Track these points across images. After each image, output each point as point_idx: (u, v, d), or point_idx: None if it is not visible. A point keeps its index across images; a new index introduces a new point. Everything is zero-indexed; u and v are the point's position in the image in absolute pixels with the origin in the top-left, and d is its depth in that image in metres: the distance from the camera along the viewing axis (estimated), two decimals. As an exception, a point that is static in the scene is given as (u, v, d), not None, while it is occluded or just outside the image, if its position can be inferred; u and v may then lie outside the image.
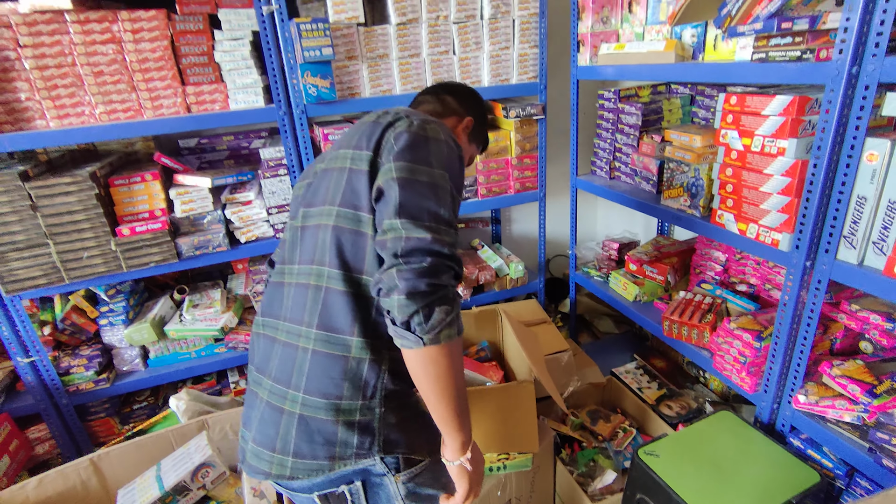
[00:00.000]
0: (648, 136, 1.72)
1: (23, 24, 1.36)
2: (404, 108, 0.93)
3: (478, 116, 1.15)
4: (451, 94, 1.12)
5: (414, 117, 0.86)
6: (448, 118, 1.10)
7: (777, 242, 1.22)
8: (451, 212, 0.81)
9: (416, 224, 0.76)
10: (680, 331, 1.59)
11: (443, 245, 0.76)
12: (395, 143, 0.82)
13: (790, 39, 1.05)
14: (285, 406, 0.85)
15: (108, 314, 1.71)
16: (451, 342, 0.76)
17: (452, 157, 0.85)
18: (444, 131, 0.87)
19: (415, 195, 0.78)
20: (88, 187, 1.44)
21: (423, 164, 0.80)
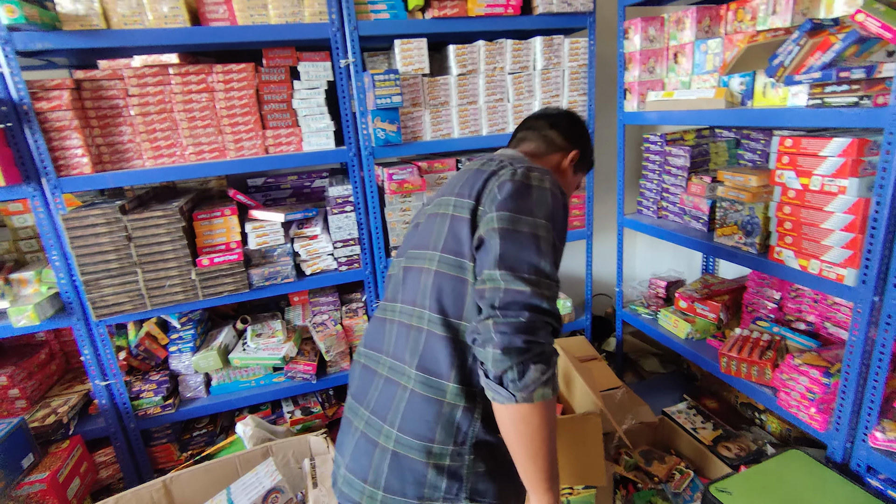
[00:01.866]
0: (697, 176, 1.79)
1: (133, 77, 1.53)
2: (509, 154, 0.96)
3: (583, 146, 1.12)
4: (554, 127, 1.09)
5: (518, 165, 0.87)
6: (553, 155, 1.07)
7: (842, 278, 1.24)
8: (552, 264, 0.79)
9: (516, 276, 0.76)
10: (739, 367, 1.59)
11: (542, 299, 0.75)
12: (499, 193, 0.83)
13: (846, 87, 1.13)
14: (380, 440, 0.87)
15: (178, 341, 1.79)
16: (544, 401, 0.74)
17: (557, 206, 0.84)
18: (549, 179, 0.86)
19: (515, 246, 0.78)
20: (177, 220, 1.56)
21: (525, 215, 0.80)
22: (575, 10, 1.80)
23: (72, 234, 1.47)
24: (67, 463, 1.54)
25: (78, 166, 1.50)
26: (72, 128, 1.46)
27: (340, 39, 1.62)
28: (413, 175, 1.80)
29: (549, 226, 0.81)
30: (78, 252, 1.48)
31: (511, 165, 0.87)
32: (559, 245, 0.85)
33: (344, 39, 1.63)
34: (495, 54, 1.81)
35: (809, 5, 1.43)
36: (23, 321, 1.49)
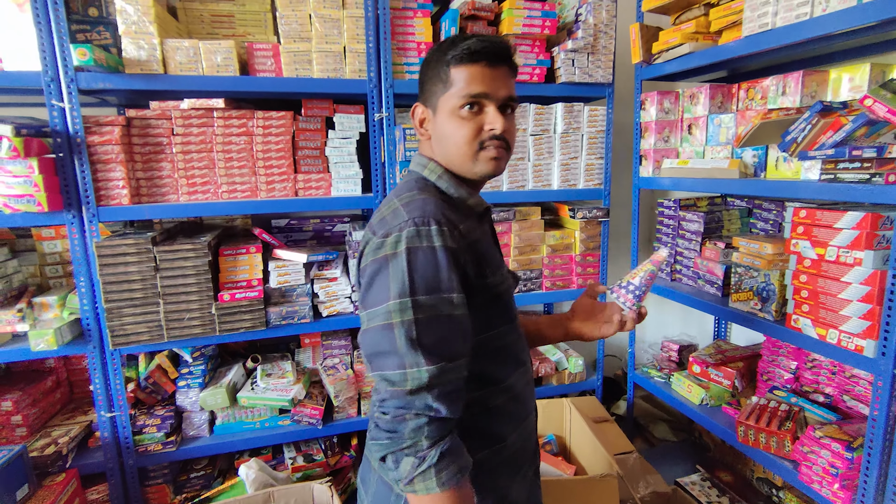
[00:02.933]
0: (711, 242, 1.83)
1: (180, 118, 1.62)
2: (398, 190, 0.89)
3: (426, 82, 0.90)
4: (422, 74, 0.92)
5: (380, 230, 0.82)
6: (428, 122, 0.92)
7: (861, 349, 1.25)
8: (418, 346, 0.76)
9: (380, 375, 0.78)
10: (757, 437, 1.55)
11: (406, 394, 0.76)
12: (361, 283, 0.84)
13: (858, 164, 1.19)
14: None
15: (188, 376, 1.77)
16: (430, 493, 0.76)
17: (416, 266, 0.78)
18: (412, 230, 0.78)
19: (375, 345, 0.79)
20: (204, 254, 1.60)
21: (380, 304, 0.78)
22: (595, 80, 1.93)
23: (102, 261, 1.50)
24: (60, 498, 1.49)
25: (117, 197, 1.56)
26: (117, 161, 1.54)
27: (376, 95, 1.73)
28: (435, 224, 1.85)
29: (405, 302, 0.77)
30: (105, 279, 1.51)
31: (374, 234, 0.83)
32: (442, 298, 0.78)
33: (380, 95, 1.74)
34: (519, 117, 1.92)
35: (817, 88, 1.53)
36: (41, 345, 1.49)
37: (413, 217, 0.80)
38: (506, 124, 0.86)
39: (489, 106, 0.86)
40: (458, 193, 0.92)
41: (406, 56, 1.77)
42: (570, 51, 1.87)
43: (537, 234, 2.03)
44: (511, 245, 2.00)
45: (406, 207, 0.82)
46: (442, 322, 0.79)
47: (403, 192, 0.87)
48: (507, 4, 1.79)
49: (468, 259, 0.84)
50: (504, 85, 0.87)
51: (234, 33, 1.82)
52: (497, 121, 0.86)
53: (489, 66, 0.85)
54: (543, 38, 1.88)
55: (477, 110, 0.86)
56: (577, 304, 1.14)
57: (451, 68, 0.86)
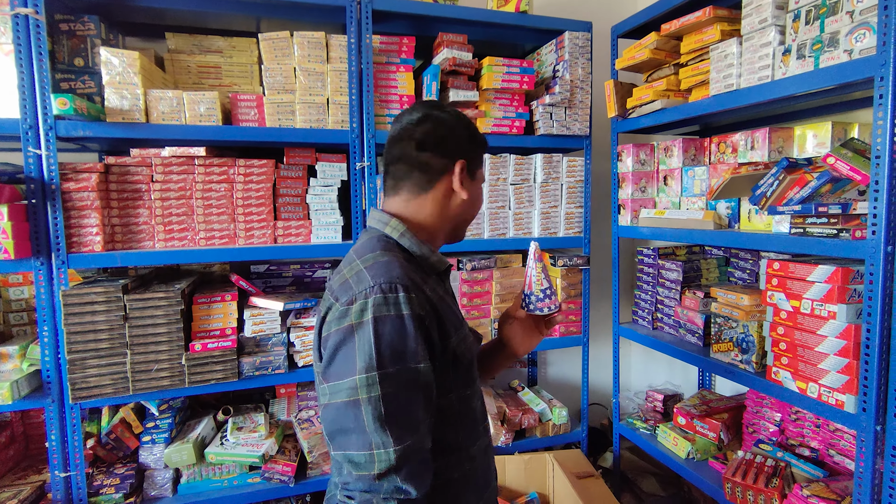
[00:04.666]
0: (690, 290, 1.84)
1: (160, 165, 1.62)
2: (359, 250, 0.87)
3: (467, 147, 0.95)
4: (424, 147, 0.91)
5: (343, 296, 0.79)
6: (438, 184, 0.92)
7: (842, 404, 1.24)
8: (386, 423, 0.73)
9: (345, 456, 0.74)
10: (745, 495, 1.51)
11: (373, 478, 0.73)
12: (324, 353, 0.80)
13: (825, 220, 1.22)
14: None
15: (153, 430, 1.69)
16: None
17: (384, 336, 0.75)
18: (379, 297, 0.76)
19: (338, 422, 0.75)
20: (177, 303, 1.56)
21: (345, 377, 0.75)
22: (573, 133, 1.99)
23: (68, 310, 1.45)
24: (2, 569, 1.37)
25: (90, 244, 1.53)
26: (92, 207, 1.52)
27: (359, 145, 1.76)
28: (415, 272, 1.84)
29: (373, 377, 0.74)
30: (70, 329, 1.46)
31: (337, 300, 0.80)
32: (410, 370, 0.76)
33: (362, 145, 1.77)
34: (499, 166, 1.96)
35: (783, 144, 1.59)
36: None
37: (379, 283, 0.77)
38: None
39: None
40: (420, 251, 0.91)
41: (388, 108, 1.82)
42: (548, 105, 1.93)
43: (519, 282, 2.02)
44: (493, 293, 1.99)
45: (370, 271, 0.80)
46: (410, 395, 0.76)
47: (366, 253, 0.85)
48: (486, 61, 1.86)
49: (433, 323, 0.82)
50: None
51: (221, 84, 1.85)
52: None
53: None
54: (522, 92, 1.95)
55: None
56: (506, 330, 1.12)
57: (484, 151, 1.02)
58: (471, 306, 1.96)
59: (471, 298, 1.96)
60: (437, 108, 0.95)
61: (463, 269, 1.93)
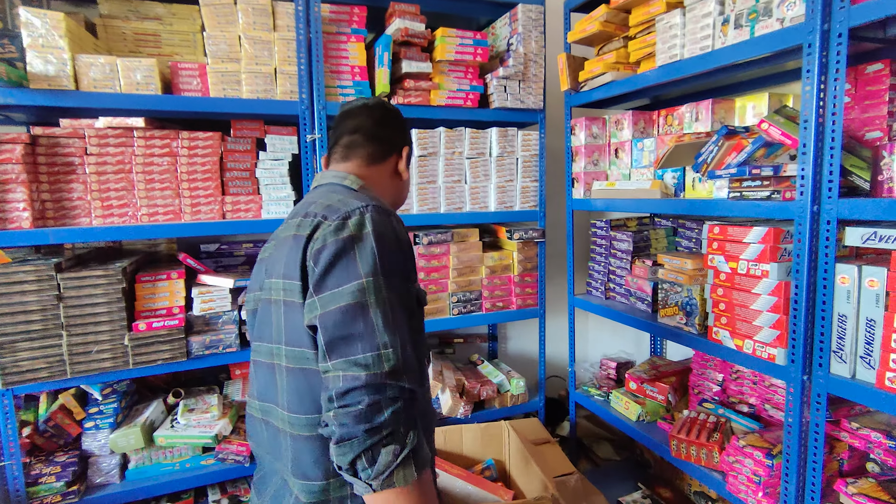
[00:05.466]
0: (640, 260, 1.90)
1: (94, 136, 1.53)
2: (327, 191, 0.88)
3: (409, 137, 1.07)
4: (384, 124, 1.00)
5: (333, 214, 0.79)
6: (390, 158, 1.00)
7: (773, 357, 1.31)
8: (391, 325, 0.74)
9: (348, 362, 0.72)
10: (689, 451, 1.58)
11: (382, 376, 0.71)
12: (316, 266, 0.77)
13: (759, 183, 1.28)
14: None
15: (97, 416, 1.62)
16: (408, 485, 0.71)
17: (385, 248, 0.77)
18: (371, 216, 0.79)
19: (342, 327, 0.73)
20: (117, 281, 1.49)
21: (346, 283, 0.74)
22: (527, 106, 2.00)
23: (-5, 290, 1.36)
24: (-68, 564, 1.29)
25: (17, 220, 1.43)
26: (18, 181, 1.42)
27: (309, 116, 1.71)
28: (370, 247, 1.82)
29: (379, 281, 0.75)
30: (-2, 310, 1.37)
31: (325, 218, 0.80)
32: (403, 284, 0.79)
33: (312, 117, 1.72)
34: (454, 140, 1.95)
35: (725, 115, 1.65)
36: (-85, 386, 1.32)
37: (372, 204, 0.81)
38: None
39: None
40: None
41: (340, 79, 1.77)
42: (502, 77, 1.93)
43: (476, 256, 2.04)
44: (450, 266, 1.99)
45: (357, 197, 0.83)
46: (405, 307, 0.79)
47: (334, 194, 0.86)
48: (439, 32, 1.84)
49: (411, 258, 0.86)
50: None
51: (161, 53, 1.75)
52: None
53: None
54: (476, 65, 1.94)
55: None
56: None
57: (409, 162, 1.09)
58: (428, 280, 1.96)
59: (428, 273, 1.96)
60: (390, 104, 1.07)
61: (420, 243, 1.92)
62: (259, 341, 0.90)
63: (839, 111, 1.13)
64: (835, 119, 1.14)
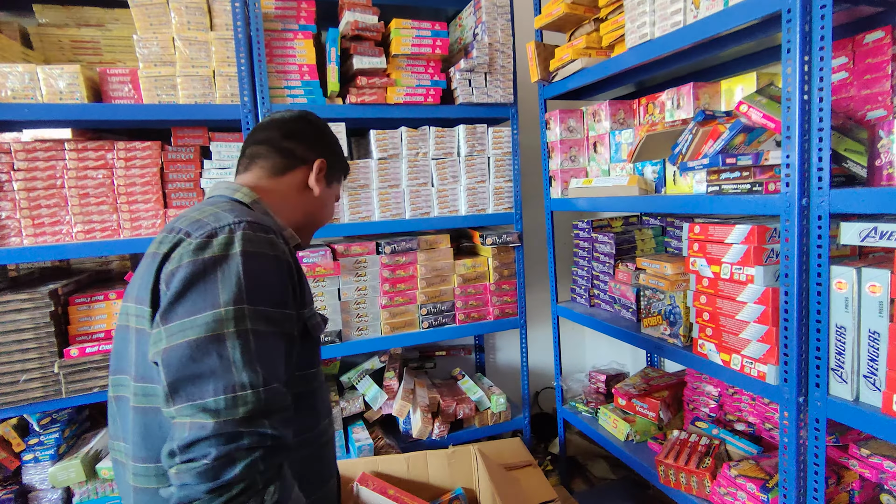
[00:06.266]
0: (623, 264, 1.73)
1: (21, 151, 1.44)
2: (205, 205, 0.78)
3: (329, 151, 0.97)
4: (292, 137, 0.91)
5: (198, 230, 0.70)
6: (296, 171, 0.91)
7: (763, 375, 1.13)
8: (253, 361, 0.64)
9: (195, 406, 0.61)
10: (678, 477, 1.41)
11: (236, 424, 0.60)
12: (168, 290, 0.67)
13: (738, 174, 1.10)
14: None
15: (36, 448, 1.52)
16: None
17: (253, 271, 0.67)
18: (242, 233, 0.69)
19: (190, 365, 0.62)
20: (44, 304, 1.39)
21: (204, 311, 0.64)
22: (495, 101, 1.85)
23: None
24: None
25: (-65, 243, 1.35)
26: (-65, 201, 1.33)
27: (252, 120, 1.59)
28: (325, 258, 1.69)
29: (242, 309, 0.65)
30: (-88, 340, 1.28)
31: (189, 235, 0.70)
32: (279, 313, 0.69)
33: (256, 120, 1.60)
34: (418, 140, 1.81)
35: (709, 100, 1.47)
36: None
37: (246, 220, 0.72)
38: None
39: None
40: (274, 222, 0.85)
41: (287, 79, 1.65)
42: (465, 70, 1.78)
43: (447, 264, 1.89)
44: (418, 276, 1.85)
45: (230, 213, 0.73)
46: (276, 340, 0.69)
47: (216, 206, 0.77)
48: (393, 24, 1.70)
49: (295, 280, 0.76)
50: None
51: (102, 60, 1.67)
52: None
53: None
54: (438, 58, 1.80)
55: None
56: None
57: (343, 175, 1.06)
58: (394, 292, 1.82)
59: (394, 284, 1.82)
60: (312, 115, 0.99)
61: (382, 252, 1.79)
62: (114, 374, 0.78)
63: (826, 86, 0.96)
64: (822, 96, 0.97)
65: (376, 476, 1.50)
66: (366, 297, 1.79)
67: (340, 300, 1.75)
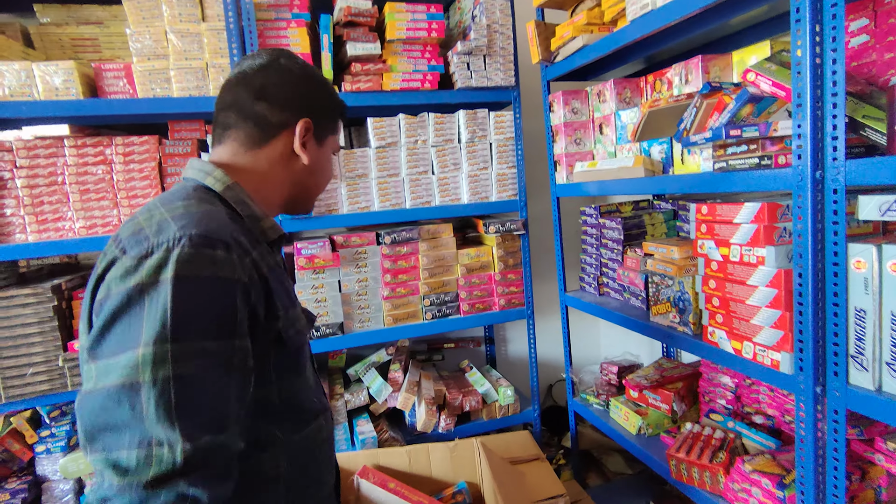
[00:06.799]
0: (632, 250, 1.65)
1: (23, 148, 1.46)
2: (163, 201, 0.69)
3: (316, 107, 0.83)
4: (263, 97, 0.78)
5: (135, 247, 0.60)
6: (274, 140, 0.79)
7: (777, 363, 1.05)
8: (176, 411, 0.56)
9: (107, 461, 0.55)
10: (690, 472, 1.34)
11: (147, 485, 0.54)
12: (97, 321, 0.60)
13: (746, 147, 1.02)
14: None
15: (48, 439, 1.56)
16: None
17: (200, 300, 0.59)
18: (187, 249, 0.60)
19: (102, 412, 0.56)
20: (48, 299, 1.41)
21: (122, 352, 0.56)
22: (495, 84, 1.79)
23: (-82, 314, 1.31)
24: None
25: (-57, 241, 1.38)
26: (-60, 200, 1.36)
27: (246, 112, 1.58)
28: (324, 250, 1.67)
29: (165, 350, 0.56)
30: (-78, 335, 1.32)
31: (125, 252, 0.61)
32: (223, 345, 0.60)
33: (250, 112, 1.59)
34: (416, 127, 1.77)
35: (720, 74, 1.38)
36: None
37: (189, 233, 0.61)
38: None
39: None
40: (249, 211, 0.77)
41: (282, 69, 1.63)
42: (463, 53, 1.73)
43: (450, 254, 1.84)
44: (420, 267, 1.81)
45: (178, 220, 0.63)
46: (218, 379, 0.60)
47: (175, 201, 0.68)
48: (387, 8, 1.66)
49: (259, 296, 0.67)
50: None
51: (101, 58, 1.68)
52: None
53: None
54: (435, 42, 1.75)
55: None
56: None
57: (339, 118, 0.90)
58: (396, 283, 1.79)
59: (395, 275, 1.78)
60: (286, 57, 0.82)
61: (382, 243, 1.75)
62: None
63: (840, 47, 0.87)
64: (835, 58, 0.88)
65: (377, 469, 1.47)
66: (367, 288, 1.76)
67: (341, 292, 1.73)
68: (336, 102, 0.88)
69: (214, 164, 0.78)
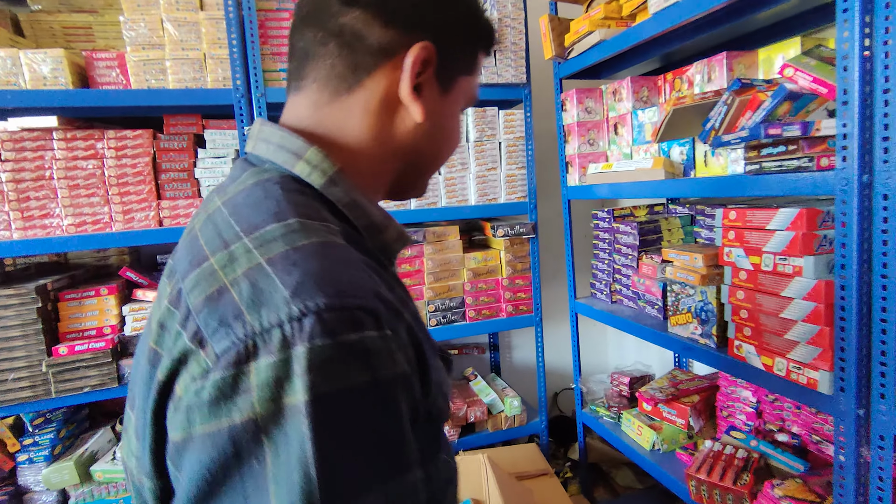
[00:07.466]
0: (648, 256, 1.58)
1: (8, 141, 1.38)
2: (223, 225, 0.42)
3: (443, 20, 0.49)
4: (355, 3, 0.47)
5: (217, 331, 0.35)
6: (374, 74, 0.48)
7: (815, 383, 0.97)
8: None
9: None
10: (711, 494, 1.25)
11: None
12: (180, 476, 0.37)
13: (783, 148, 0.94)
14: None
15: (31, 448, 1.47)
16: None
17: (358, 424, 0.35)
18: (322, 341, 0.34)
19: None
20: (31, 301, 1.33)
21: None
22: (506, 81, 1.71)
23: None
24: None
25: (-80, 237, 1.30)
26: (-82, 194, 1.29)
27: (245, 105, 1.50)
28: (325, 251, 1.59)
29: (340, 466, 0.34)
30: None
31: (201, 346, 0.36)
32: (388, 487, 0.36)
33: (250, 105, 1.51)
34: (423, 125, 1.69)
35: (745, 71, 1.30)
36: None
37: (316, 304, 0.34)
38: None
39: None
40: (367, 220, 0.48)
41: (283, 61, 1.55)
42: (473, 48, 1.65)
43: (456, 257, 1.77)
44: (425, 271, 1.73)
45: (286, 272, 0.36)
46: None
47: (265, 223, 0.40)
48: (395, 0, 1.58)
49: (415, 374, 0.41)
50: None
51: (95, 47, 1.61)
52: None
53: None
54: (444, 36, 1.67)
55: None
56: None
57: (480, 54, 0.55)
58: (399, 288, 1.71)
59: (399, 279, 1.70)
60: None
61: (386, 245, 1.68)
62: (128, 402, 0.49)
63: (893, 37, 0.79)
64: (887, 51, 0.80)
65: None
66: (369, 292, 1.68)
67: (342, 296, 1.65)
68: (479, 20, 0.53)
69: (297, 134, 0.48)
